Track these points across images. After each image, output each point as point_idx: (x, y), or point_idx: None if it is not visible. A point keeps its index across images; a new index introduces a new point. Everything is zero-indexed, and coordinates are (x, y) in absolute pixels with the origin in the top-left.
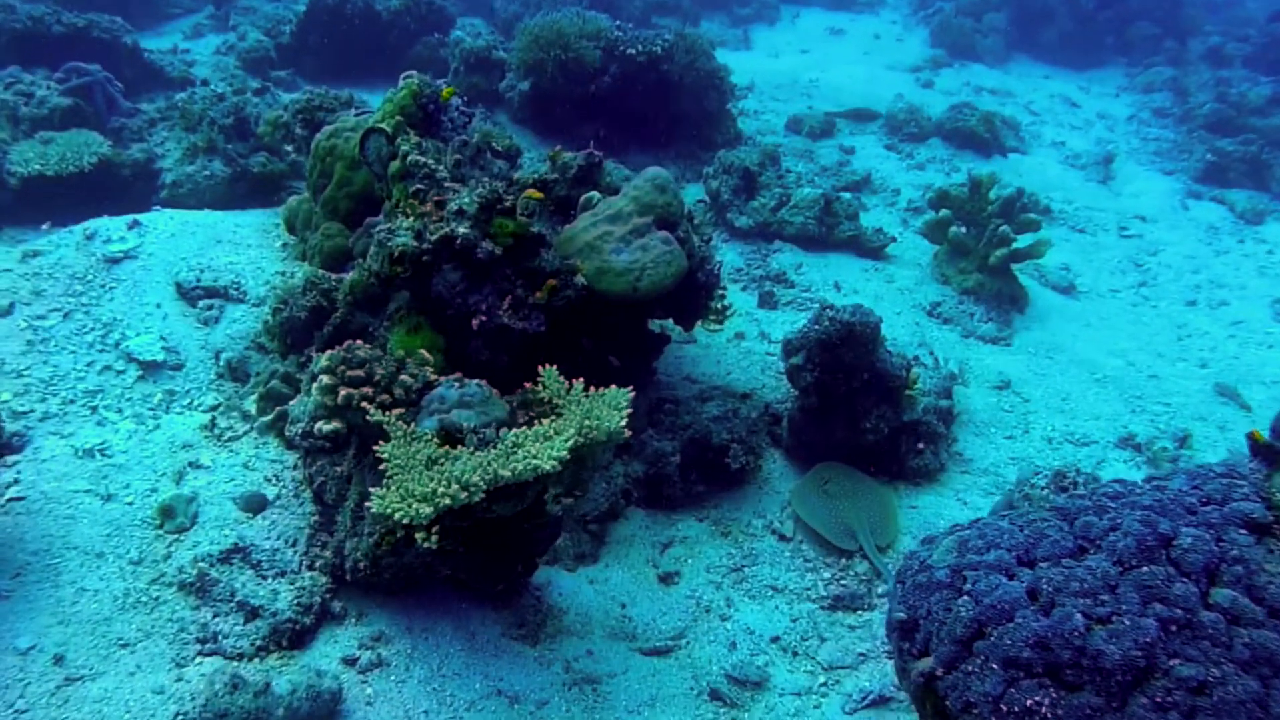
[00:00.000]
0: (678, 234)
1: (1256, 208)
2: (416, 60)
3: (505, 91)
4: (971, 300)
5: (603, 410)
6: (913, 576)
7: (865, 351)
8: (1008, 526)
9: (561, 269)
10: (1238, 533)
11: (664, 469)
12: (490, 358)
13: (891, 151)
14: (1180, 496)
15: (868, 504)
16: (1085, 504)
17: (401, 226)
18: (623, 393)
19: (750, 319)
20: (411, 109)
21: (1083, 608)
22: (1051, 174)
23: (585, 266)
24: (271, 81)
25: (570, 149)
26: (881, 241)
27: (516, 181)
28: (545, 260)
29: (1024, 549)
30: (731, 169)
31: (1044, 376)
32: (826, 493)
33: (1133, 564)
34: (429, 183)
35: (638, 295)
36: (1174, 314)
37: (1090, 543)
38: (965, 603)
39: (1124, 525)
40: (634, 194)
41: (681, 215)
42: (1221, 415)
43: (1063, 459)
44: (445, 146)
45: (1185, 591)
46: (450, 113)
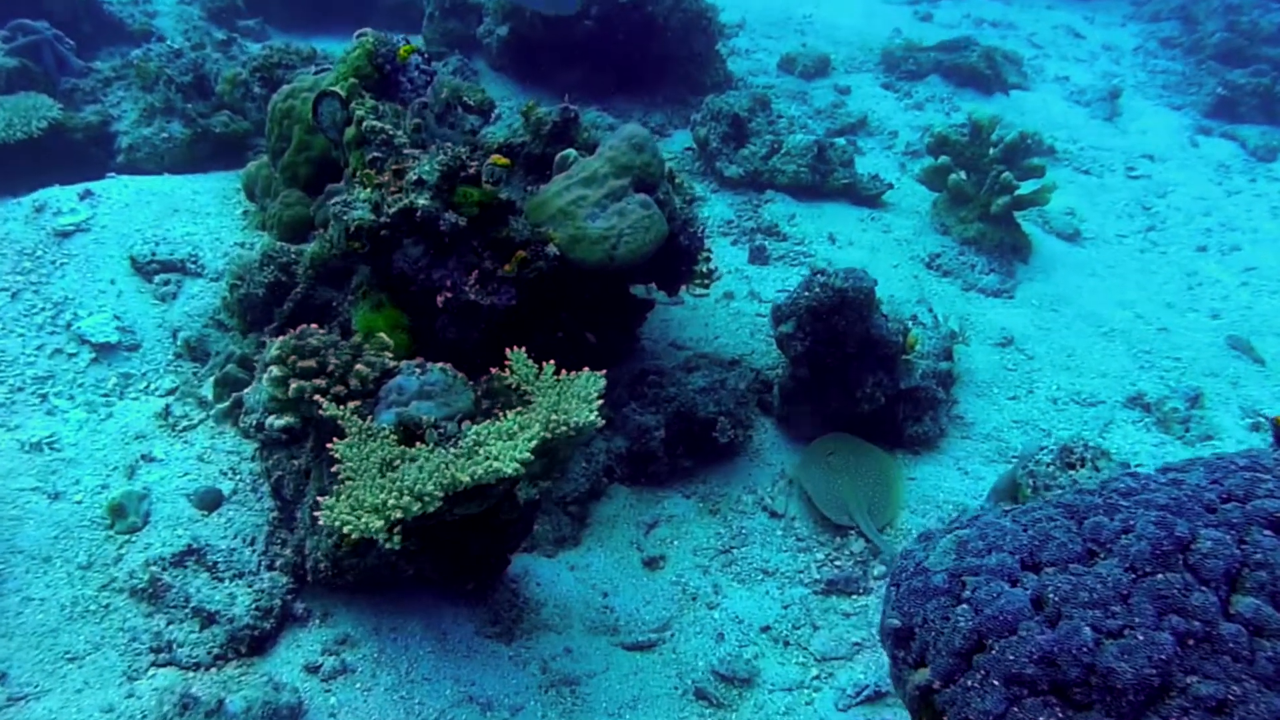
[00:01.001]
0: (657, 195)
1: (1269, 143)
2: (392, 4)
3: (483, 37)
4: (973, 251)
5: (571, 402)
6: (908, 580)
7: (859, 318)
8: (1010, 526)
9: (532, 238)
10: (1261, 533)
11: (648, 445)
12: (458, 335)
13: (889, 90)
14: (1199, 493)
15: (870, 479)
16: (1095, 501)
17: (358, 198)
18: (594, 380)
19: (740, 276)
20: (367, 70)
21: (1092, 620)
22: (1055, 112)
23: (558, 235)
24: (239, 32)
25: (552, 97)
26: (878, 189)
27: (481, 146)
28: (515, 229)
29: (1028, 552)
30: (720, 116)
31: (1048, 331)
32: (829, 465)
33: (1147, 571)
34: (387, 150)
35: (615, 264)
36: (1184, 261)
37: (1100, 546)
38: (964, 611)
39: (1138, 527)
40: (610, 154)
41: (661, 175)
42: (1234, 370)
43: (1068, 421)
44: (404, 109)
45: (1204, 601)
46: (409, 72)
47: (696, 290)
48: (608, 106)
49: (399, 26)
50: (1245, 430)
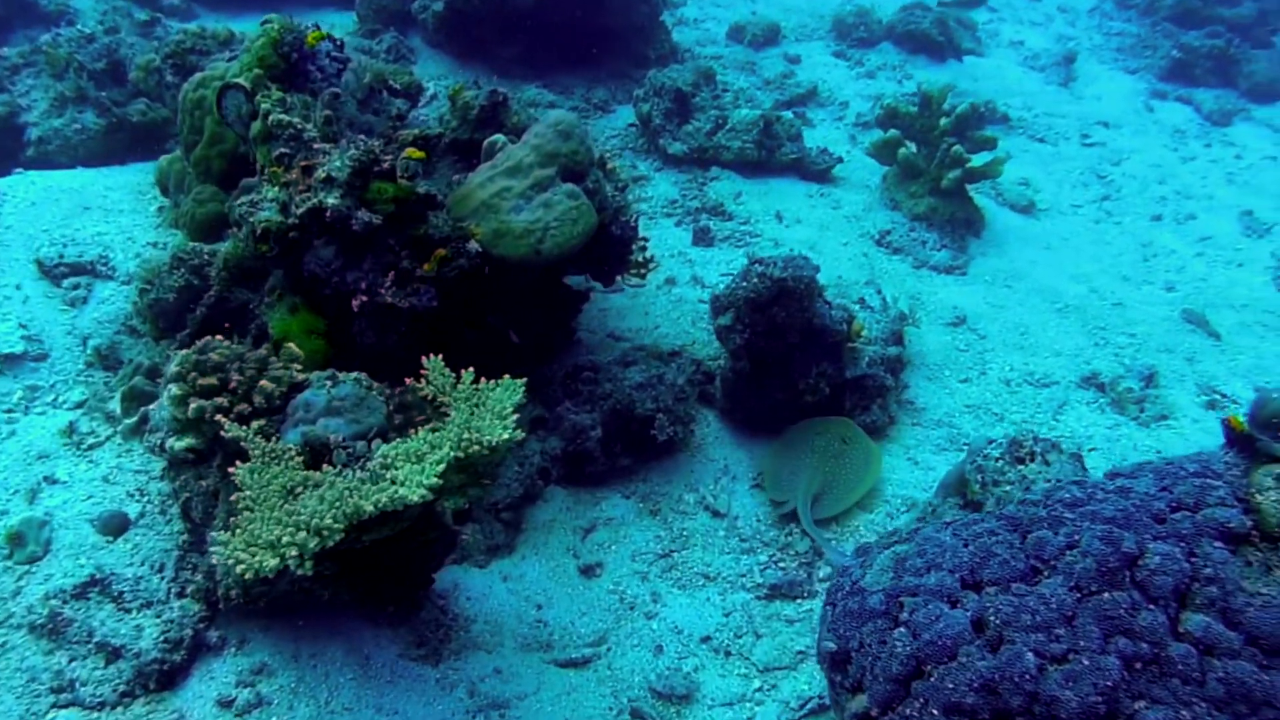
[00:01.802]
0: (587, 184)
1: (1224, 108)
2: None
3: (419, 13)
4: (924, 226)
5: (486, 418)
6: (844, 600)
7: (800, 308)
8: (950, 542)
9: (453, 234)
10: (1212, 545)
11: (584, 445)
12: (377, 340)
13: (840, 59)
14: (1147, 502)
15: (840, 469)
16: (1039, 514)
17: (265, 198)
18: (513, 390)
19: (683, 260)
20: (272, 60)
21: (1035, 644)
22: (1010, 77)
23: (481, 230)
24: (163, 11)
25: (491, 73)
26: (827, 163)
27: (396, 138)
28: (434, 226)
29: (969, 569)
30: (662, 91)
31: (1002, 309)
32: (810, 445)
33: (1093, 589)
34: (295, 145)
35: (541, 259)
36: (1139, 231)
37: (1044, 563)
38: (902, 635)
39: (1083, 543)
40: (535, 142)
41: (591, 162)
42: (1189, 345)
43: (1022, 404)
44: (315, 100)
45: (1153, 622)
46: (319, 61)
47: (632, 281)
48: (550, 82)
49: (334, 3)
50: (1201, 408)
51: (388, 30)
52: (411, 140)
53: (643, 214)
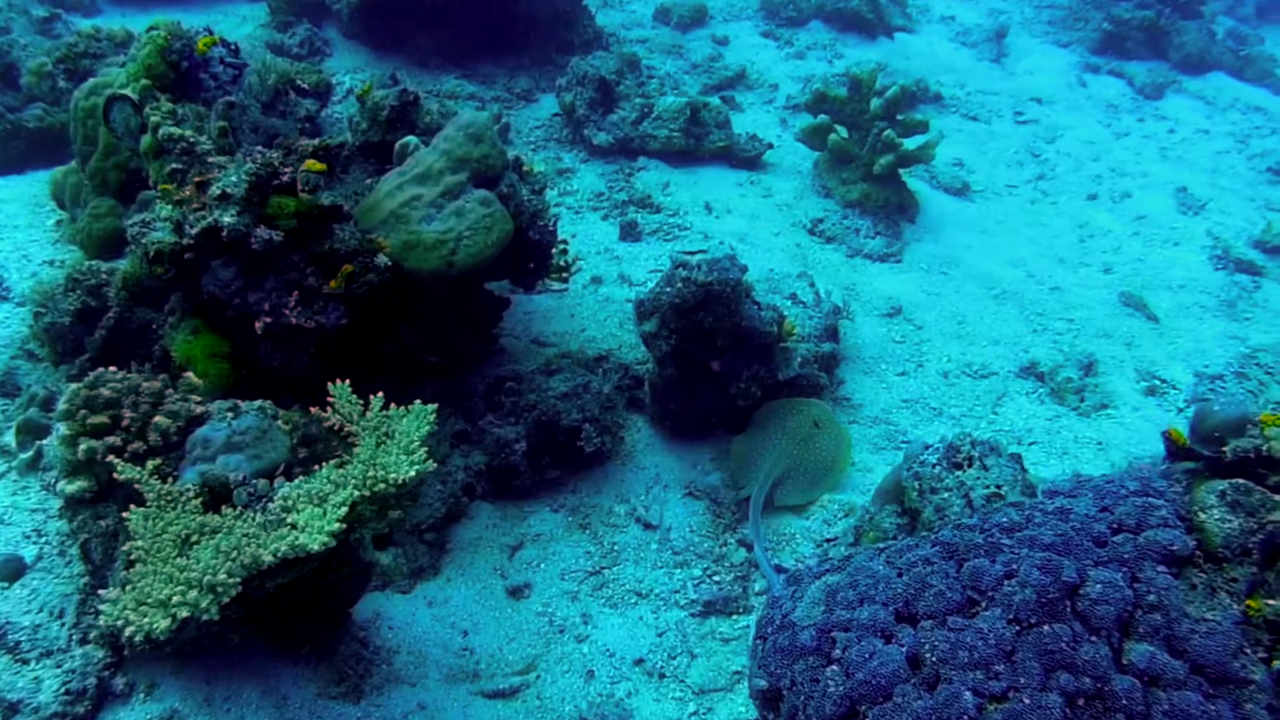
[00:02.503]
0: (501, 189)
1: (1156, 80)
2: None
3: (333, 3)
4: (857, 213)
5: (393, 453)
6: (774, 635)
7: (727, 312)
8: (884, 571)
9: (361, 248)
10: (1155, 570)
11: (509, 459)
12: (284, 361)
13: (769, 39)
14: (1087, 524)
15: (806, 454)
16: (975, 540)
17: (158, 217)
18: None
19: (610, 257)
20: (160, 69)
21: (973, 683)
22: (942, 54)
23: (390, 242)
24: (65, 7)
25: (411, 65)
26: (757, 150)
27: (296, 149)
28: (341, 240)
29: (903, 601)
30: (585, 80)
31: (938, 297)
32: (780, 427)
33: (1032, 622)
34: (188, 160)
35: (454, 271)
36: (1075, 211)
37: (982, 594)
38: (835, 674)
39: (1021, 572)
40: (445, 146)
41: (505, 165)
42: (1127, 329)
43: (960, 397)
44: (209, 111)
45: (1095, 655)
46: (212, 68)
47: (555, 285)
48: (471, 72)
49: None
50: (1141, 395)
51: (301, 22)
52: (312, 151)
53: (568, 208)
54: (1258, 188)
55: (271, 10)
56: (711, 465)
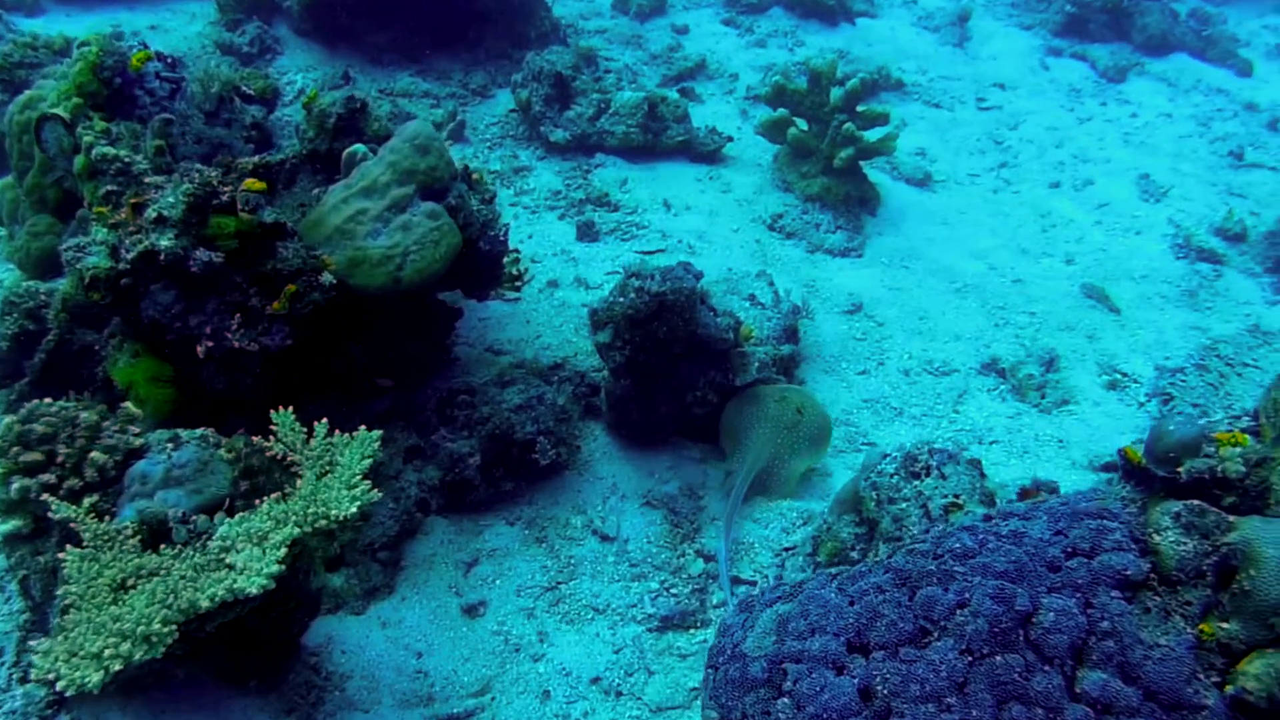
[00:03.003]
0: (449, 201)
1: (1119, 63)
2: None
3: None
4: (817, 208)
5: (335, 487)
6: (725, 666)
7: (682, 321)
8: (835, 600)
9: (305, 267)
10: (1109, 595)
11: (463, 473)
12: (229, 385)
13: (730, 26)
14: (1041, 548)
15: (791, 441)
16: (928, 567)
17: (94, 240)
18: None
19: (567, 258)
20: (93, 86)
21: (925, 716)
22: (904, 40)
23: (335, 259)
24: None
25: (364, 61)
26: (717, 143)
27: (235, 167)
28: (284, 259)
29: (855, 631)
30: (541, 75)
31: (899, 292)
32: (764, 414)
33: (985, 653)
34: (124, 180)
35: (401, 287)
36: (1037, 200)
37: (934, 624)
38: (786, 707)
39: (974, 601)
40: (391, 158)
41: (452, 176)
42: (1090, 322)
43: (921, 395)
44: (145, 128)
45: (1048, 685)
46: (148, 83)
47: (508, 295)
48: (425, 68)
49: None
50: (1102, 389)
51: (251, 20)
52: (251, 170)
53: (525, 207)
54: (1219, 172)
55: (220, 8)
56: (669, 473)
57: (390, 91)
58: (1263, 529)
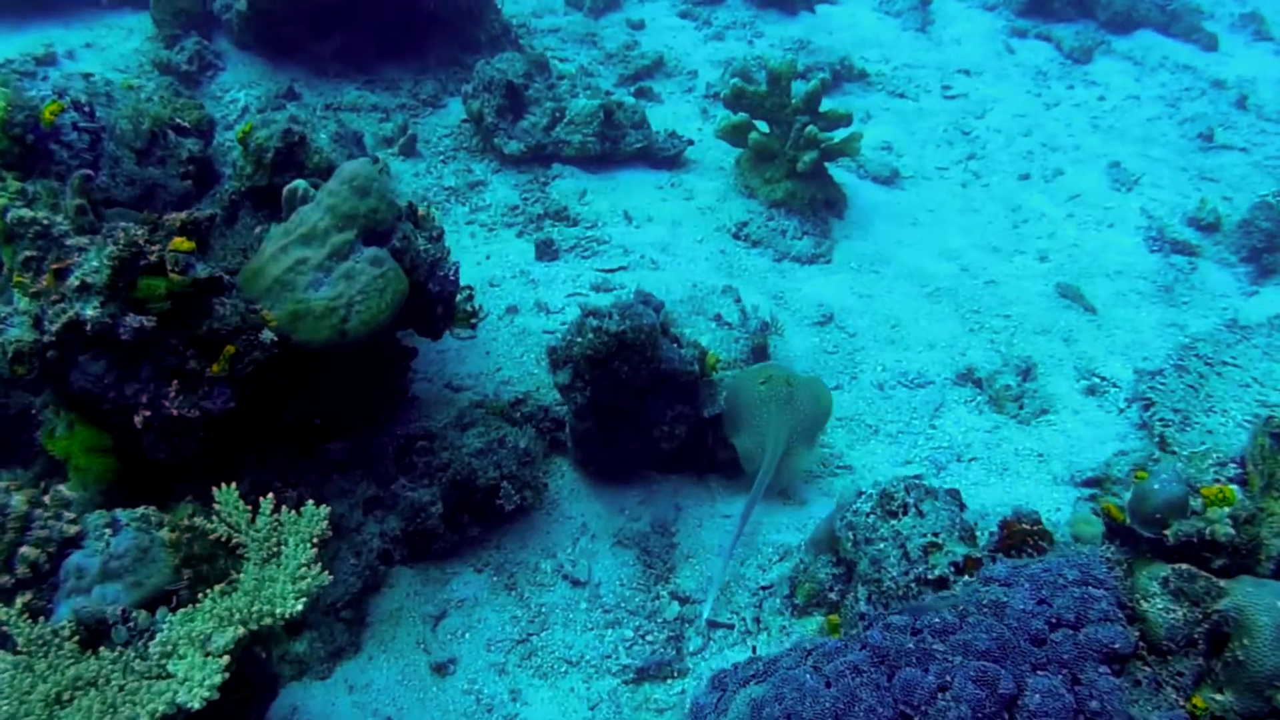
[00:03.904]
0: (394, 243)
1: (1084, 44)
2: None
3: (221, 13)
4: (782, 213)
5: (280, 580)
6: None
7: (643, 360)
8: (811, 683)
9: (244, 324)
10: (1097, 671)
11: (425, 523)
12: (171, 452)
13: (687, 19)
14: (1025, 621)
15: (799, 414)
16: (907, 645)
17: (16, 310)
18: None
19: (526, 280)
20: (3, 145)
21: None
22: (865, 26)
23: (276, 314)
24: None
25: (310, 74)
26: (677, 148)
27: (162, 224)
28: (221, 316)
29: (832, 717)
30: (492, 85)
31: (870, 299)
32: (759, 398)
33: None
34: (44, 244)
35: (348, 340)
36: (1007, 193)
37: (915, 709)
38: None
39: (955, 684)
40: (329, 202)
41: (396, 216)
42: (1066, 324)
43: (896, 410)
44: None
45: None
46: (64, 135)
47: (462, 334)
48: (373, 78)
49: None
50: (1081, 395)
51: (189, 35)
52: (180, 226)
53: (481, 225)
54: (1189, 156)
55: (157, 24)
56: (640, 509)
57: (337, 106)
58: (1255, 594)
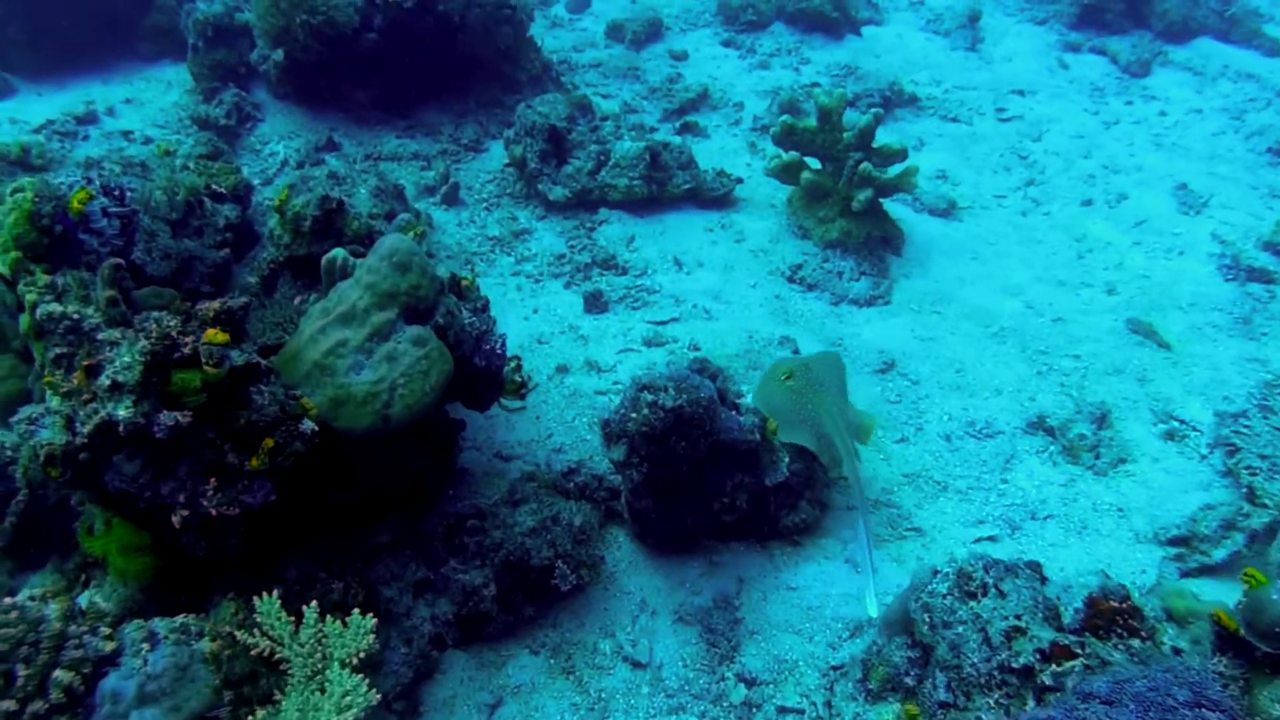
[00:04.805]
0: (436, 320)
1: (1141, 56)
2: (155, 31)
3: (259, 63)
4: (838, 254)
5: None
6: None
7: (702, 433)
8: None
9: (284, 414)
10: None
11: (478, 606)
12: (212, 549)
13: (730, 48)
14: None
15: (833, 395)
16: None
17: (48, 409)
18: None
19: (575, 336)
20: (31, 237)
21: None
22: (913, 47)
23: (316, 400)
24: None
25: (349, 122)
26: (726, 187)
27: (195, 314)
28: (259, 407)
29: None
30: (534, 130)
31: (932, 342)
32: (790, 391)
33: None
34: (74, 339)
35: (391, 426)
36: (1070, 221)
37: None
38: None
39: None
40: (369, 280)
41: (439, 291)
42: (1139, 362)
43: (965, 464)
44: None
45: None
46: (94, 223)
47: (511, 405)
48: (413, 123)
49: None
50: (1160, 440)
51: (227, 87)
52: (213, 317)
53: (528, 276)
54: (1259, 172)
55: (195, 77)
56: (702, 582)
57: (377, 155)
58: None
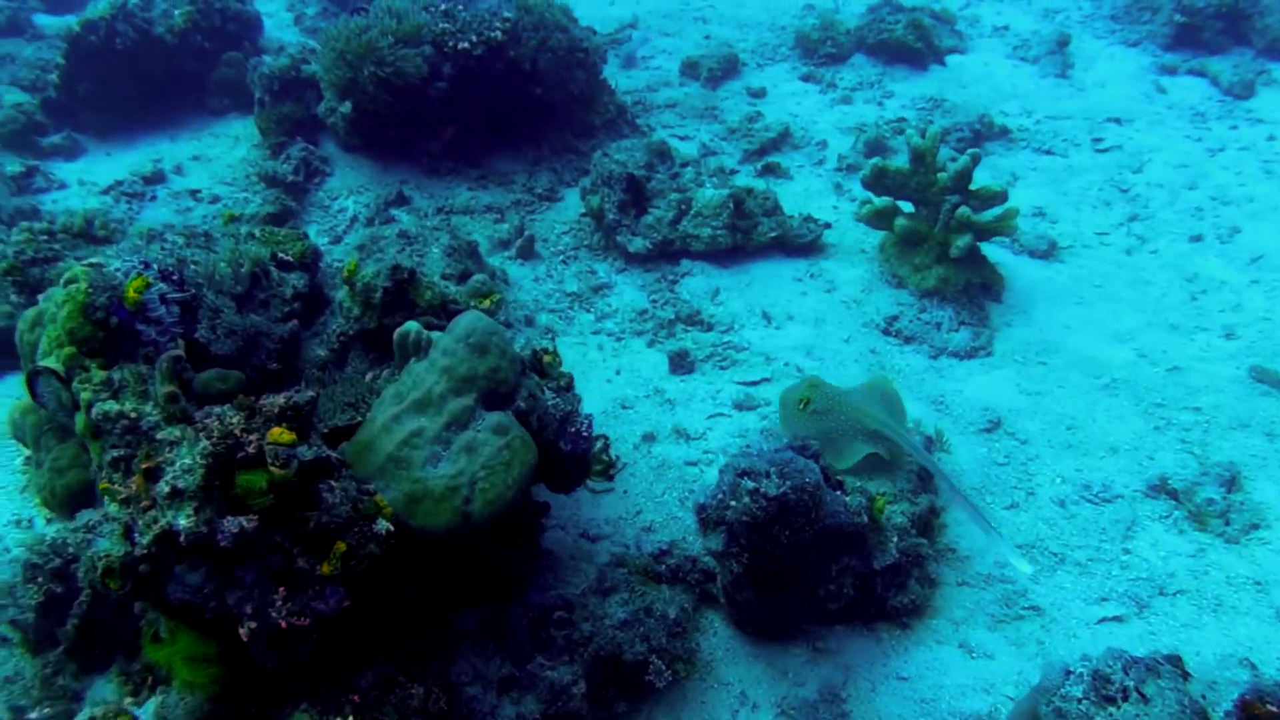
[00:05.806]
0: (517, 405)
1: (1243, 77)
2: (223, 85)
3: (326, 115)
4: (935, 303)
5: None
6: None
7: (806, 521)
8: None
9: (356, 514)
10: None
11: (568, 705)
12: (283, 660)
13: (810, 82)
14: None
15: (856, 399)
16: None
17: (106, 515)
18: None
19: (661, 400)
20: (85, 331)
21: None
22: (1000, 76)
23: (390, 496)
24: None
25: (419, 174)
26: (813, 233)
27: (260, 409)
28: (331, 505)
29: None
30: (612, 180)
31: (1040, 396)
32: (814, 413)
33: None
34: (132, 439)
35: (472, 524)
36: (1179, 259)
37: None
38: None
39: None
40: (444, 363)
41: (520, 371)
42: (1266, 414)
43: (1083, 533)
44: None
45: None
46: (152, 311)
47: (598, 487)
48: (486, 172)
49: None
50: None
51: (295, 141)
52: (278, 413)
53: (609, 334)
54: None
55: (262, 131)
56: (805, 671)
57: (449, 209)
58: None
